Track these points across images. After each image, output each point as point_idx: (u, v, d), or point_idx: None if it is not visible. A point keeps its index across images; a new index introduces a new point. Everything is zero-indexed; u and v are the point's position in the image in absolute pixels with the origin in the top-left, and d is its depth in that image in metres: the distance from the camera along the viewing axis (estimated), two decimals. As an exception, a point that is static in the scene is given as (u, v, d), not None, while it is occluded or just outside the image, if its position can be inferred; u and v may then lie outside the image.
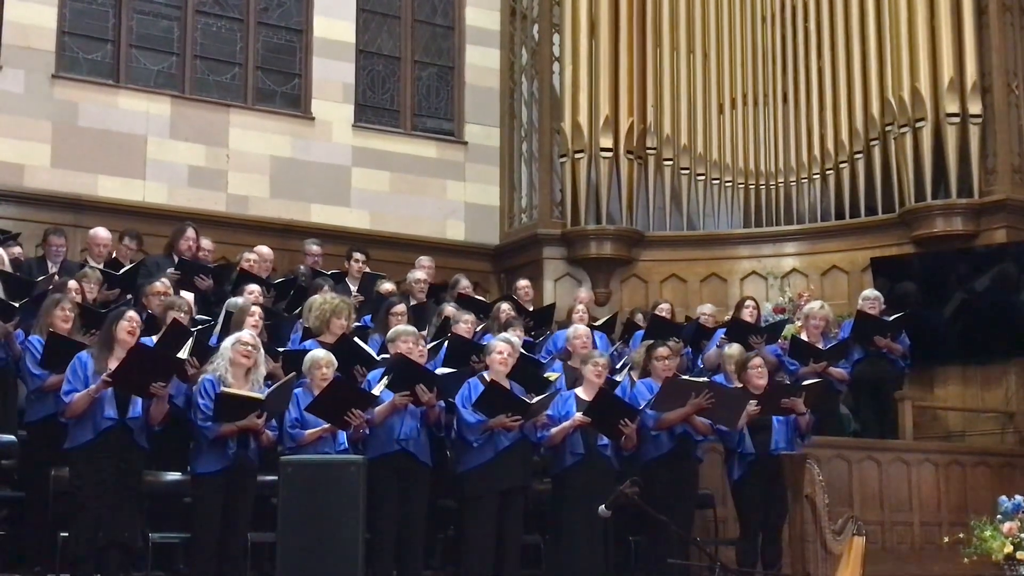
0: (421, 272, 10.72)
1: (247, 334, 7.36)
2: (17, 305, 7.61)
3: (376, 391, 7.46)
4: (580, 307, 10.57)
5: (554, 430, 7.86)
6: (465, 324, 9.01)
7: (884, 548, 9.40)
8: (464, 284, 10.95)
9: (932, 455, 10.08)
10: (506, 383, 7.78)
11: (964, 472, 10.07)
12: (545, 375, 8.32)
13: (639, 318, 10.91)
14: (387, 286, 10.19)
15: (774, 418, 8.28)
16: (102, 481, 6.74)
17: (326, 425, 7.33)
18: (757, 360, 8.50)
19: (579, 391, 8.06)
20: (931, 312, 11.29)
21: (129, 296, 9.24)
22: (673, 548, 7.74)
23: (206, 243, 10.66)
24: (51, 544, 7.01)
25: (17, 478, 7.88)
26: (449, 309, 9.45)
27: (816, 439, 8.81)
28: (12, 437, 7.66)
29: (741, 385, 8.41)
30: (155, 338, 7.79)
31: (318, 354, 7.64)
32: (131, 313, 7.17)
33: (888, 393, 10.36)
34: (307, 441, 7.33)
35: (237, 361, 7.13)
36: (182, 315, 8.03)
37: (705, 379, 8.52)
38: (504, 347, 7.87)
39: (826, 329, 10.14)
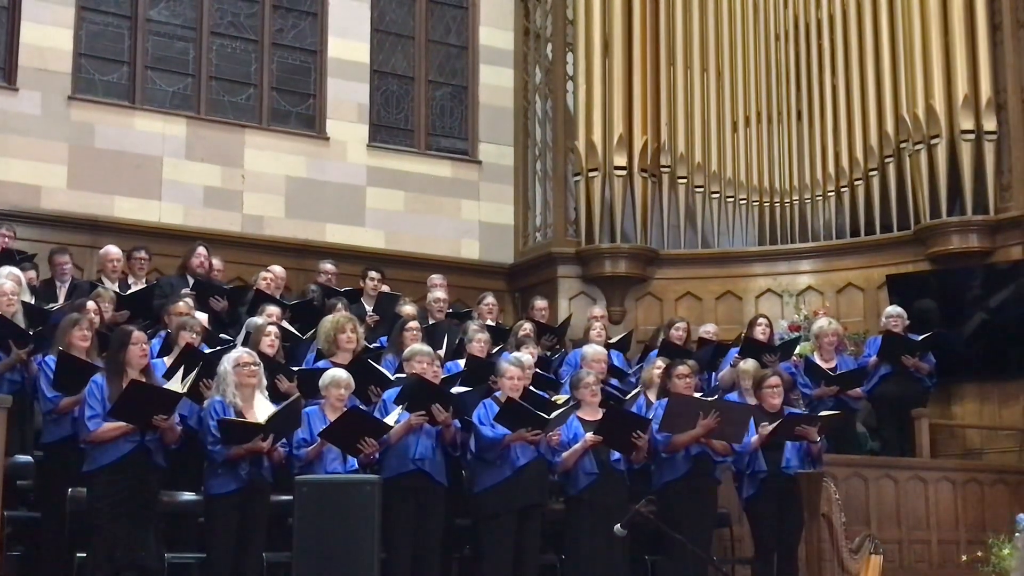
0: (440, 291, 10.73)
1: (244, 353, 7.33)
2: (32, 333, 7.63)
3: (390, 420, 7.43)
4: (597, 325, 10.57)
5: (565, 454, 7.85)
6: (479, 343, 9.00)
7: (901, 566, 9.35)
8: (489, 301, 10.94)
9: (949, 473, 10.02)
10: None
11: (982, 490, 10.01)
12: (555, 399, 8.28)
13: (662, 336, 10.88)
14: (408, 308, 10.13)
15: (786, 439, 8.27)
16: (120, 502, 6.74)
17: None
18: (774, 380, 8.44)
19: (580, 412, 8.03)
20: (947, 329, 11.24)
21: (146, 321, 9.21)
22: (690, 567, 7.72)
23: (216, 262, 10.68)
24: (68, 565, 7.02)
25: (34, 499, 7.91)
26: (472, 327, 9.45)
27: (832, 457, 8.77)
28: (29, 458, 7.68)
29: (756, 402, 8.38)
30: (168, 360, 7.81)
31: (338, 374, 7.61)
32: (137, 334, 7.11)
33: (910, 411, 10.32)
34: (312, 457, 7.32)
35: (244, 383, 7.13)
36: (194, 336, 8.03)
37: (712, 398, 8.47)
38: (515, 370, 7.84)
39: (840, 345, 10.12)
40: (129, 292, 9.62)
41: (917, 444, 10.26)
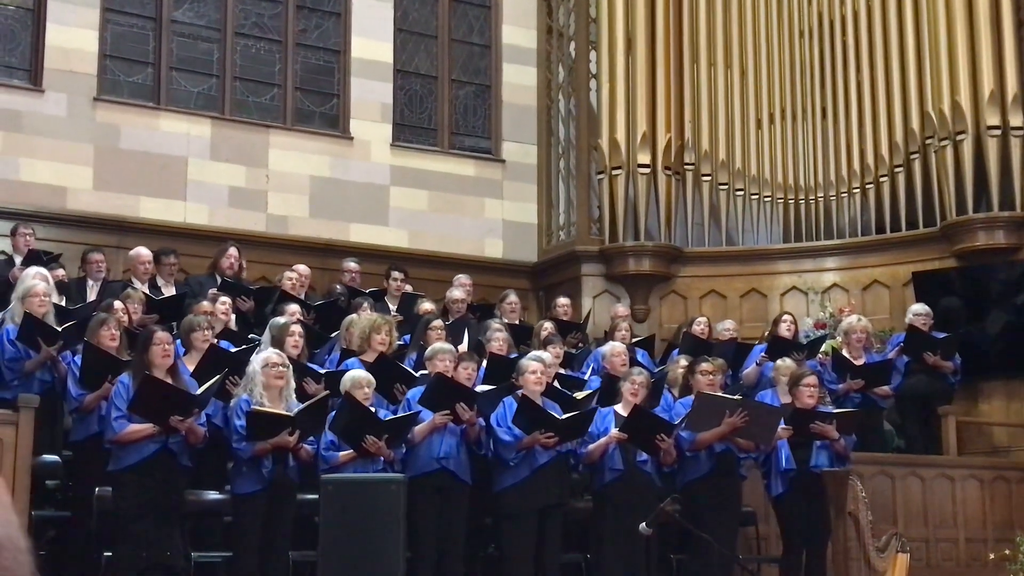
0: (460, 291, 10.73)
1: (275, 354, 7.32)
2: (60, 329, 7.68)
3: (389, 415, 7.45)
4: (623, 325, 10.57)
5: (591, 446, 7.86)
6: (497, 342, 9.00)
7: (929, 565, 9.31)
8: (512, 299, 10.94)
9: (977, 471, 9.98)
10: (539, 401, 7.76)
11: (1009, 488, 9.95)
12: (576, 395, 8.27)
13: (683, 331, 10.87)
14: (426, 306, 10.19)
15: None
16: (146, 502, 6.77)
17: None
18: (811, 379, 8.33)
19: (618, 408, 8.05)
20: (974, 326, 11.19)
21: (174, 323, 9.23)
22: (716, 566, 7.70)
23: (244, 262, 10.72)
24: (95, 564, 7.06)
25: (61, 498, 7.96)
26: (493, 325, 9.45)
27: (859, 455, 8.73)
28: (56, 458, 7.73)
29: (790, 399, 8.33)
30: (189, 363, 7.81)
31: (360, 375, 7.60)
32: (160, 334, 7.09)
33: (936, 409, 10.27)
34: (340, 463, 7.34)
35: (272, 384, 7.13)
36: (207, 333, 7.99)
37: (738, 397, 8.43)
38: (537, 365, 7.84)
39: (868, 343, 10.07)
40: (162, 298, 9.64)
41: (944, 442, 10.21)
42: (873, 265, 12.39)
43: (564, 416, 7.66)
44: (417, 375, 8.17)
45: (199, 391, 6.92)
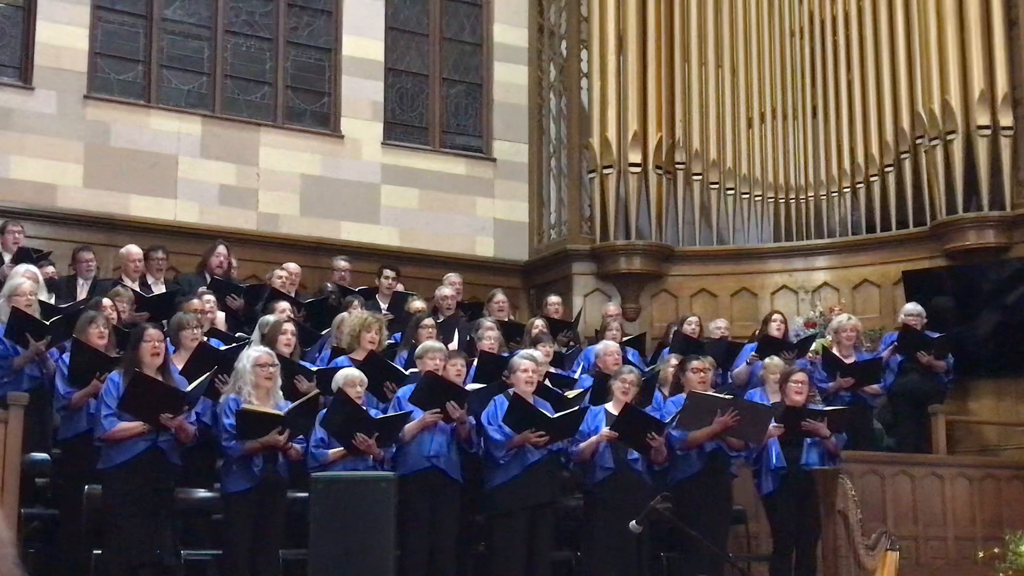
0: (448, 289, 10.72)
1: (265, 354, 7.26)
2: (48, 323, 7.66)
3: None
4: (615, 324, 10.57)
5: (582, 444, 7.86)
6: (489, 340, 8.99)
7: (918, 563, 9.32)
8: (500, 299, 10.94)
9: (966, 469, 9.99)
10: (531, 400, 7.76)
11: (999, 486, 9.97)
12: (566, 394, 8.27)
13: (674, 330, 10.88)
14: (417, 304, 10.19)
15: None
16: (136, 500, 6.76)
17: None
18: (801, 376, 8.36)
19: (609, 406, 8.05)
20: (964, 325, 11.21)
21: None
22: (706, 564, 7.71)
23: (233, 260, 10.71)
24: (84, 562, 7.05)
25: (51, 496, 7.94)
26: (485, 323, 9.45)
27: (849, 454, 8.74)
28: (46, 455, 7.71)
29: (781, 397, 8.34)
30: (178, 361, 7.80)
31: (353, 373, 7.57)
32: (151, 332, 7.10)
33: (928, 407, 10.30)
34: (330, 461, 7.32)
35: (261, 384, 7.09)
36: (196, 332, 7.98)
37: (730, 396, 8.42)
38: (528, 364, 7.82)
39: (858, 341, 10.09)
40: (152, 295, 9.63)
41: (933, 440, 10.23)
42: (863, 264, 12.41)
43: (555, 415, 7.66)
44: (407, 373, 8.16)
45: (188, 388, 6.91)
